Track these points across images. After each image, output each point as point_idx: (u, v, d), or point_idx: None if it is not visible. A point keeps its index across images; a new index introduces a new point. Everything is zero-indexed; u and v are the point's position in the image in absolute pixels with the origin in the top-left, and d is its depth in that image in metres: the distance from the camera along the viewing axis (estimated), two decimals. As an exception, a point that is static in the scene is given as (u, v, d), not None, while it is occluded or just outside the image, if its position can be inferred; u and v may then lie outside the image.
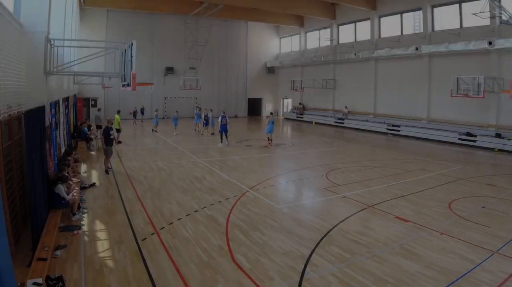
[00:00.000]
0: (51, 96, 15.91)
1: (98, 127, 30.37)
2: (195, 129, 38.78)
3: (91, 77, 26.16)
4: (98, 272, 9.37)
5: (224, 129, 30.03)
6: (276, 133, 32.31)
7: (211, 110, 37.68)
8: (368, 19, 46.08)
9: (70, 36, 26.48)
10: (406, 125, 39.98)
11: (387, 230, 12.61)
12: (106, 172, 20.36)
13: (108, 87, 41.58)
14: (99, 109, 34.38)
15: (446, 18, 37.44)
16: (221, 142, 30.08)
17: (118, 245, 11.05)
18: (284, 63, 60.50)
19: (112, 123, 22.19)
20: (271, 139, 30.40)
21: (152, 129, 38.12)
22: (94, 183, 17.90)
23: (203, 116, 36.16)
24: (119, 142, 28.23)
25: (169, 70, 54.81)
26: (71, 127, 28.12)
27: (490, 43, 30.10)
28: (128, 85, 16.34)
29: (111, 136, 20.92)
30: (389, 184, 18.88)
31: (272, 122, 30.34)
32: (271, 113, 32.81)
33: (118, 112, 30.85)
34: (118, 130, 28.67)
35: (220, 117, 30.43)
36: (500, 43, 29.68)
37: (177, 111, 38.88)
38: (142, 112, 46.43)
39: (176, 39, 53.76)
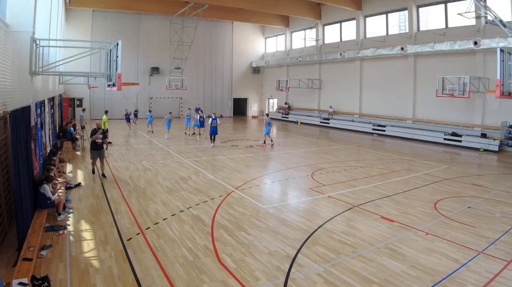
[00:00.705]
0: (36, 96, 15.83)
1: (83, 127, 30.26)
2: (185, 133, 37.14)
3: (76, 77, 26.05)
4: (83, 272, 9.30)
5: (213, 131, 29.43)
6: (261, 133, 32.18)
7: (202, 111, 36.82)
8: (353, 19, 46.25)
9: (55, 36, 26.38)
10: (392, 125, 40.10)
11: (373, 230, 12.60)
12: (102, 175, 19.60)
13: (94, 87, 41.47)
14: (83, 110, 34.05)
15: (431, 18, 37.66)
16: (213, 143, 29.71)
17: (103, 245, 10.97)
18: (270, 63, 60.58)
19: (99, 127, 20.33)
20: (272, 141, 30.60)
21: (149, 130, 37.88)
22: (80, 183, 17.79)
23: (198, 117, 34.78)
24: (109, 143, 27.91)
25: (155, 70, 54.80)
26: (56, 127, 28.02)
27: (475, 43, 30.19)
28: (113, 85, 16.35)
29: (97, 139, 19.28)
30: (375, 184, 18.89)
31: (269, 123, 30.26)
32: (267, 114, 32.48)
33: (106, 112, 30.44)
34: (106, 131, 28.19)
35: (210, 119, 29.77)
36: (485, 43, 29.71)
37: (170, 113, 36.82)
38: (136, 115, 45.50)
39: (161, 39, 53.81)
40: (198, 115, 34.71)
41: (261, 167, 23.39)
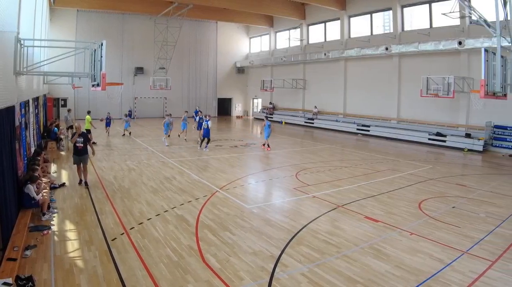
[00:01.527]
0: (21, 96, 15.72)
1: (69, 128, 30.06)
2: (178, 135, 34.33)
3: (61, 77, 25.85)
4: (68, 272, 9.23)
5: (206, 134, 28.04)
6: (245, 133, 31.91)
7: (201, 112, 35.61)
8: (338, 19, 46.32)
9: (40, 36, 26.23)
10: (376, 125, 40.24)
11: (357, 230, 12.61)
12: (84, 183, 17.58)
13: (78, 87, 41.20)
14: (69, 110, 33.72)
15: (416, 18, 37.77)
16: (206, 146, 28.33)
17: (88, 245, 10.88)
18: (254, 63, 60.57)
19: (79, 129, 18.05)
20: (268, 146, 29.50)
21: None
22: (64, 183, 17.66)
23: (197, 119, 33.48)
24: (93, 143, 27.47)
25: (139, 70, 54.58)
26: (41, 127, 27.88)
27: (460, 43, 30.32)
28: (98, 85, 16.30)
29: (77, 144, 17.56)
30: (359, 184, 18.90)
31: (269, 126, 29.24)
32: (266, 117, 31.55)
33: (89, 113, 30.26)
34: (89, 131, 27.86)
35: (204, 121, 28.26)
36: (470, 43, 29.91)
37: (170, 115, 32.96)
38: (130, 115, 42.07)
39: (145, 39, 53.54)
40: (198, 117, 33.29)
41: (246, 167, 23.37)
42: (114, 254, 10.31)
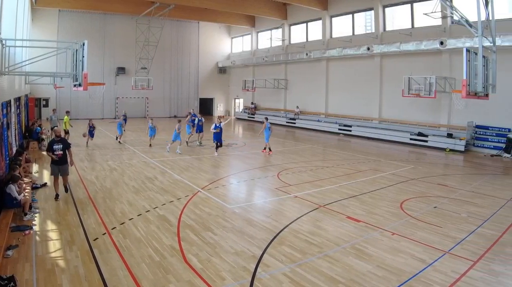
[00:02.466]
0: (2, 96, 15.62)
1: (53, 128, 29.92)
2: (186, 142, 31.44)
3: (42, 77, 25.72)
4: (49, 272, 9.21)
5: (217, 139, 26.70)
6: (227, 133, 31.56)
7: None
8: (319, 19, 46.41)
9: (21, 36, 26.07)
10: (358, 125, 40.33)
11: (339, 230, 12.61)
12: (56, 197, 15.38)
13: (60, 87, 40.92)
14: (53, 110, 33.23)
15: (397, 18, 37.92)
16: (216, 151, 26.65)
17: (69, 245, 10.85)
18: (236, 63, 60.60)
19: (56, 135, 15.89)
20: (270, 149, 28.33)
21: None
22: (46, 183, 17.53)
23: (197, 121, 31.43)
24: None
25: (121, 70, 54.37)
26: (22, 127, 27.70)
27: (441, 43, 30.45)
28: (79, 85, 16.37)
29: (55, 152, 15.29)
30: (341, 184, 18.89)
31: (269, 128, 28.29)
32: (266, 118, 29.97)
33: (67, 113, 29.99)
34: (67, 132, 27.99)
35: (213, 125, 26.74)
36: (451, 43, 30.07)
37: (179, 121, 28.56)
38: (125, 119, 36.45)
39: (127, 39, 53.36)
40: (197, 119, 31.67)
41: (228, 167, 23.32)
42: (96, 254, 10.27)
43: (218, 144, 26.90)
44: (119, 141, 29.77)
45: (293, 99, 51.54)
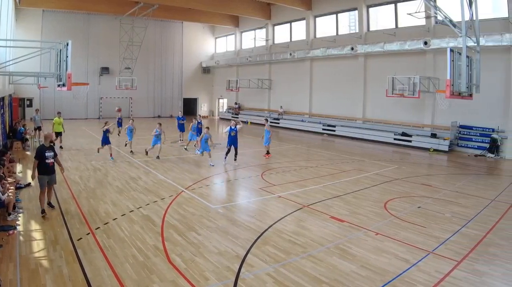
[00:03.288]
0: (-14, 97, 15.53)
1: (36, 129, 29.66)
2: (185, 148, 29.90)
3: (26, 77, 25.56)
4: (33, 272, 9.19)
5: (233, 142, 24.07)
6: (211, 133, 30.95)
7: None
8: (303, 19, 46.47)
9: (5, 36, 25.89)
10: (342, 125, 40.40)
11: (323, 230, 12.63)
12: (48, 204, 14.20)
13: (44, 87, 40.64)
14: (36, 110, 32.92)
15: (381, 18, 38.01)
16: (226, 158, 24.07)
17: (53, 245, 10.84)
18: (220, 63, 60.64)
19: (51, 140, 14.45)
20: (268, 152, 26.91)
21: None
22: (30, 183, 17.33)
23: (196, 124, 29.05)
24: (60, 147, 26.90)
25: (105, 70, 54.22)
26: (6, 127, 27.58)
27: (425, 43, 30.56)
28: (63, 85, 16.30)
29: (47, 160, 13.60)
30: (325, 184, 18.90)
31: (269, 131, 26.52)
32: (267, 120, 28.73)
33: (58, 114, 29.02)
34: (59, 134, 27.44)
35: (228, 128, 24.37)
36: (435, 43, 30.25)
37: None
38: (120, 123, 36.03)
39: (111, 39, 53.19)
40: (197, 121, 29.41)
41: (211, 167, 23.26)
42: (79, 254, 10.27)
43: (231, 149, 24.03)
44: (131, 151, 26.58)
45: (277, 99, 51.62)
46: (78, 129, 37.43)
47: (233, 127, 23.97)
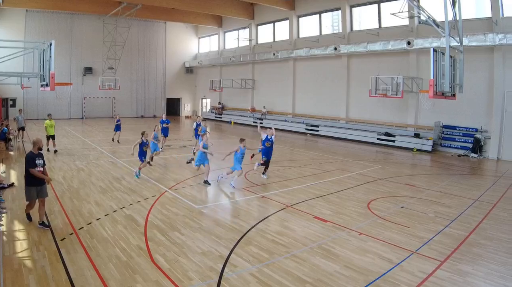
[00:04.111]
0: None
1: (20, 129, 29.40)
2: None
3: (9, 77, 25.33)
4: (16, 272, 9.11)
5: (267, 154, 20.57)
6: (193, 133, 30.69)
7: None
8: (286, 19, 46.57)
9: (-12, 36, 25.72)
10: (325, 126, 40.56)
11: (306, 230, 12.64)
12: (43, 224, 12.14)
13: (27, 87, 40.43)
14: (20, 111, 32.53)
15: (365, 18, 38.13)
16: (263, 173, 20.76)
17: (37, 245, 10.73)
18: (203, 63, 60.71)
19: (39, 147, 12.40)
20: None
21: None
22: (13, 183, 17.27)
23: (195, 125, 27.22)
24: (55, 152, 25.89)
25: (88, 70, 54.08)
26: (-11, 128, 27.22)
27: (408, 43, 30.63)
28: (47, 85, 16.28)
29: (37, 168, 12.01)
30: (308, 184, 18.92)
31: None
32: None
33: (49, 116, 27.18)
34: (52, 137, 26.14)
35: (264, 136, 20.82)
36: (418, 43, 30.32)
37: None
38: (118, 127, 31.95)
39: (94, 39, 53.19)
40: (195, 123, 27.66)
41: (194, 167, 23.21)
42: (63, 254, 10.17)
43: (267, 161, 20.69)
44: (149, 162, 22.40)
45: (261, 99, 51.70)
46: (61, 129, 37.21)
47: (269, 137, 20.53)
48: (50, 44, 16.03)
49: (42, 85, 16.95)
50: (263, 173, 20.72)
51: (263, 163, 20.57)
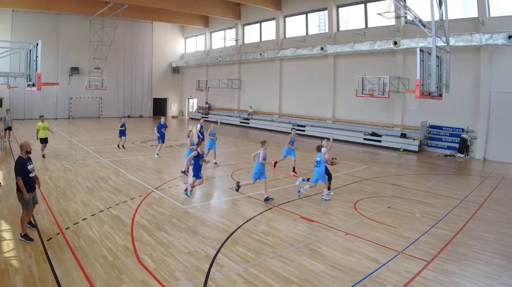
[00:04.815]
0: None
1: (7, 129, 29.19)
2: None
3: (-4, 77, 25.24)
4: (3, 272, 9.09)
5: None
6: (181, 133, 30.26)
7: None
8: (273, 19, 46.68)
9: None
10: (312, 126, 40.64)
11: (292, 230, 12.66)
12: (25, 237, 11.12)
13: (14, 87, 40.26)
14: (7, 110, 32.25)
15: (351, 18, 38.25)
16: (328, 189, 17.19)
17: (23, 245, 10.76)
18: (190, 63, 60.80)
19: (27, 150, 11.58)
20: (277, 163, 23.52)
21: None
22: (0, 183, 17.23)
23: (199, 128, 25.05)
24: (42, 156, 24.41)
25: (74, 70, 54.07)
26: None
27: (395, 43, 30.69)
28: (33, 85, 16.31)
29: (30, 174, 11.48)
30: (294, 184, 18.69)
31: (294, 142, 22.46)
32: (293, 128, 24.59)
33: (41, 117, 25.46)
34: (45, 140, 24.75)
35: (324, 142, 18.17)
36: (405, 43, 30.40)
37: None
38: (123, 132, 28.83)
39: (81, 39, 53.11)
40: (199, 125, 25.69)
41: (181, 167, 22.97)
42: (49, 254, 10.20)
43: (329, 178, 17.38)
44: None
45: (247, 99, 51.87)
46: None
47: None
48: (37, 44, 16.08)
49: (28, 85, 16.98)
50: (329, 189, 17.37)
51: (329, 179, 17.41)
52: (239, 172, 21.73)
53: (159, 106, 64.31)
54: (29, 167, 11.39)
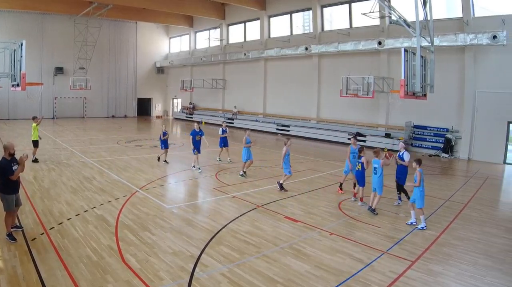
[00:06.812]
0: None
1: None
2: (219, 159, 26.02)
3: (-20, 77, 24.96)
4: (-13, 272, 8.92)
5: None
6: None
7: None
8: (257, 19, 46.71)
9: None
10: (296, 125, 40.68)
11: (277, 230, 12.66)
12: (10, 236, 11.06)
13: (-2, 88, 40.07)
14: None
15: (336, 18, 38.32)
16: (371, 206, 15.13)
17: (7, 245, 10.74)
18: (174, 63, 60.82)
19: (10, 152, 11.30)
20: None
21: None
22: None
23: (220, 132, 25.53)
24: (36, 160, 23.31)
25: (59, 70, 53.84)
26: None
27: (379, 43, 30.83)
28: (18, 85, 16.28)
29: (11, 175, 11.01)
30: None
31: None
32: (288, 138, 20.78)
33: (34, 119, 24.54)
34: (36, 143, 23.93)
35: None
36: (389, 43, 30.58)
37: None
38: (165, 143, 24.12)
39: (65, 39, 52.77)
40: (221, 129, 26.16)
41: (165, 167, 23.02)
42: (34, 254, 10.17)
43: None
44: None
45: (231, 99, 51.89)
46: (31, 129, 36.86)
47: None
48: (21, 44, 16.06)
49: (13, 85, 16.93)
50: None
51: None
52: (223, 172, 21.72)
53: (144, 106, 64.42)
54: (13, 168, 11.14)
